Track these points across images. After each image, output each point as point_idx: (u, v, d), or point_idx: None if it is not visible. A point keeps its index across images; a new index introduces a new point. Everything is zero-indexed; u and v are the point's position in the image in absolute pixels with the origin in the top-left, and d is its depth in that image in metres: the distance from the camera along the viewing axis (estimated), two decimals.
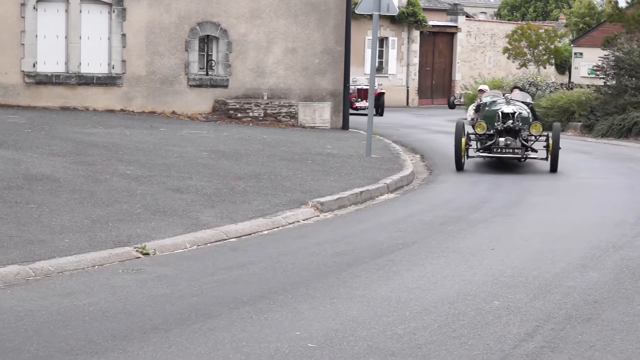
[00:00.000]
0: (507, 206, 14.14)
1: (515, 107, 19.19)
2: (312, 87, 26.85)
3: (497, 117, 18.76)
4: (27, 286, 8.25)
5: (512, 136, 18.59)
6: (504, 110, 18.86)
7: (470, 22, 55.90)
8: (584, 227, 12.42)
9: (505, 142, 18.43)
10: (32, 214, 10.83)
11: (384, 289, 8.51)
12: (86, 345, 6.53)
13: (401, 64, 50.83)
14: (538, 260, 10.02)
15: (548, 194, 15.70)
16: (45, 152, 15.10)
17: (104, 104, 24.10)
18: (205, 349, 6.53)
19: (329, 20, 26.89)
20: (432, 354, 6.56)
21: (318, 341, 6.78)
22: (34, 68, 23.30)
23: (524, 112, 19.17)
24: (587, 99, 32.34)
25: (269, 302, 7.90)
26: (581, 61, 48.55)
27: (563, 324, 7.40)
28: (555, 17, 65.78)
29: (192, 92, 25.41)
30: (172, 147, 17.50)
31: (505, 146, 18.42)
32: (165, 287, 8.34)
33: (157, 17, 24.80)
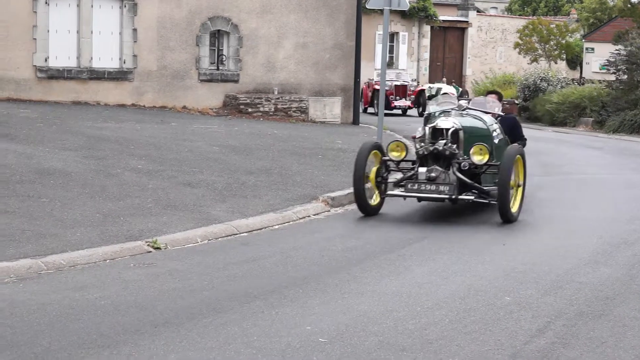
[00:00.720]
0: None
1: (462, 120, 12.82)
2: (323, 82, 26.83)
3: (427, 136, 12.65)
4: (40, 280, 8.28)
5: (442, 165, 12.15)
6: (439, 124, 12.51)
7: (481, 17, 55.80)
8: (595, 222, 12.39)
9: (428, 174, 11.97)
10: (44, 208, 10.86)
11: (395, 284, 8.51)
12: (98, 338, 6.55)
13: (412, 59, 50.79)
14: (549, 256, 10.00)
15: (558, 190, 15.67)
16: (57, 147, 15.13)
17: (115, 99, 24.12)
18: (216, 343, 6.54)
19: (339, 15, 26.87)
20: (443, 349, 6.56)
21: (329, 336, 6.78)
22: (45, 63, 23.34)
23: (475, 128, 12.90)
24: (599, 94, 32.27)
25: (279, 296, 7.91)
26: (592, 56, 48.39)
27: (575, 320, 7.39)
28: (566, 12, 65.59)
29: (202, 87, 25.42)
30: (183, 141, 17.52)
31: (428, 180, 11.95)
32: (176, 281, 8.36)
33: (168, 12, 24.81)
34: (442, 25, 51.43)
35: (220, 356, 6.27)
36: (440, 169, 12.03)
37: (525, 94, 36.53)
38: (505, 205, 11.66)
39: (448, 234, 11.28)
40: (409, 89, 37.85)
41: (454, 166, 12.07)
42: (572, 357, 6.47)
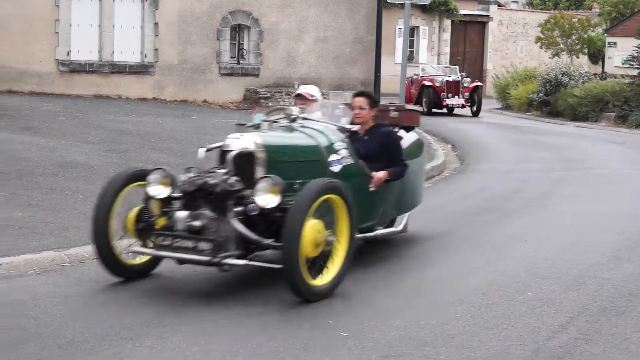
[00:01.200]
0: (540, 197, 14.08)
1: (274, 137, 8.41)
2: (343, 76, 26.83)
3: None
4: (62, 272, 8.32)
5: (217, 207, 7.69)
6: (227, 144, 8.06)
7: (502, 11, 55.57)
8: (618, 218, 12.34)
9: (189, 221, 7.64)
10: (67, 200, 10.91)
11: (415, 279, 8.51)
12: (121, 330, 6.58)
13: (432, 53, 50.65)
14: (571, 251, 9.97)
15: (580, 185, 15.61)
16: (79, 140, 15.19)
17: (137, 92, 24.20)
18: (239, 335, 6.55)
19: (360, 9, 26.85)
20: (465, 344, 6.55)
21: (350, 330, 6.79)
22: (67, 56, 23.43)
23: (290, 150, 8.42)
24: (621, 89, 32.08)
25: None
26: (615, 51, 48.20)
27: (597, 316, 7.37)
28: (588, 6, 65.31)
29: (223, 81, 25.46)
30: (204, 135, 17.54)
31: (189, 231, 7.65)
32: (200, 273, 8.37)
33: (189, 5, 24.86)
34: (462, 19, 51.26)
35: (242, 348, 6.29)
36: (210, 214, 7.64)
37: (546, 89, 36.35)
38: (292, 274, 7.33)
39: (469, 228, 11.26)
40: (462, 85, 33.58)
41: (229, 210, 7.60)
42: (595, 353, 6.46)
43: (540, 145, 22.30)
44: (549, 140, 23.73)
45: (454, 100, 32.44)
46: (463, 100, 32.94)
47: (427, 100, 32.20)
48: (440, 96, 32.41)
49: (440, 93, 32.35)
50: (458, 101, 32.69)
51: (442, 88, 32.40)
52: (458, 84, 33.00)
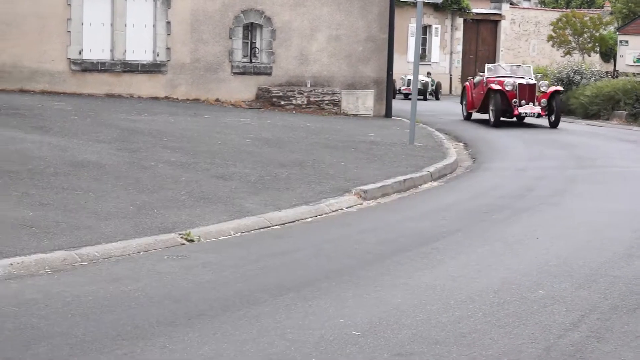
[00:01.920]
0: (552, 195, 14.05)
1: None
2: (356, 75, 26.81)
3: None
4: (74, 272, 8.33)
5: None
6: None
7: (514, 10, 55.47)
8: (630, 216, 12.31)
9: None
10: (79, 200, 10.93)
11: (428, 277, 8.50)
12: (132, 330, 6.59)
13: (444, 51, 50.59)
14: (583, 249, 9.95)
15: (593, 183, 15.57)
16: (91, 139, 15.22)
17: (149, 91, 24.22)
18: (250, 335, 6.56)
19: (372, 7, 26.83)
20: (477, 342, 6.54)
21: (362, 328, 6.79)
22: (79, 55, 23.47)
23: None
24: (633, 87, 31.99)
25: (312, 289, 7.92)
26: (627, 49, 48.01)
27: (609, 314, 7.35)
28: (600, 4, 65.11)
29: (235, 80, 25.47)
30: (216, 134, 17.57)
31: None
32: (210, 274, 8.39)
33: (202, 4, 24.88)
34: (475, 17, 51.19)
35: (254, 348, 6.29)
36: None
37: None
38: None
39: (481, 227, 11.25)
40: (539, 90, 27.43)
41: None
42: (606, 351, 6.44)
43: (552, 144, 22.25)
44: (561, 139, 23.67)
45: (528, 108, 26.50)
46: (539, 108, 26.80)
47: (495, 107, 26.67)
48: (511, 103, 26.57)
49: (510, 99, 26.50)
50: (533, 109, 26.60)
51: (513, 93, 26.53)
52: (533, 89, 26.94)
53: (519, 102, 26.50)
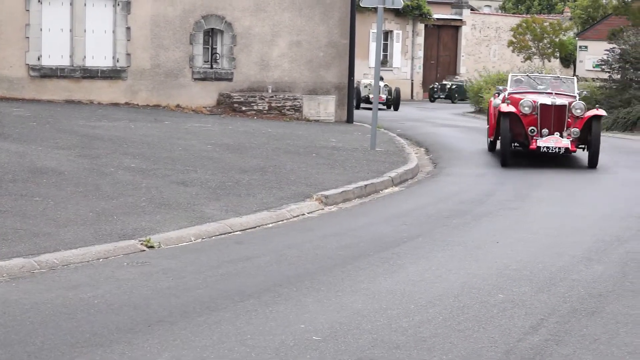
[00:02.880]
0: (512, 199, 14.13)
1: None
2: (317, 81, 26.83)
3: None
4: (33, 279, 8.26)
5: None
6: None
7: (475, 15, 55.84)
8: (590, 220, 12.41)
9: None
10: (37, 207, 10.84)
11: (389, 282, 8.51)
12: (91, 337, 6.54)
13: (406, 57, 50.81)
14: (543, 253, 10.01)
15: (554, 188, 15.68)
16: (50, 145, 15.11)
17: (109, 97, 24.10)
18: (210, 341, 6.54)
19: (333, 13, 26.87)
20: (437, 347, 6.56)
21: (323, 334, 6.78)
22: (38, 61, 23.31)
23: None
24: (592, 92, 32.29)
25: (273, 295, 7.90)
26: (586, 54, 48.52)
27: (568, 317, 7.40)
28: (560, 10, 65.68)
29: (196, 86, 25.41)
30: (177, 140, 17.51)
31: None
32: (170, 280, 8.35)
33: (162, 10, 24.79)
34: (436, 23, 51.47)
35: (214, 354, 6.27)
36: None
37: None
38: None
39: (442, 232, 11.28)
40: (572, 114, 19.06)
41: None
42: (565, 354, 6.48)
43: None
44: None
45: (551, 140, 18.40)
46: (568, 141, 18.49)
47: (502, 139, 18.68)
48: (527, 132, 18.74)
49: (527, 127, 18.68)
50: (559, 143, 18.36)
51: (532, 117, 18.79)
52: (563, 112, 18.83)
53: (539, 131, 18.61)
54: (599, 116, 18.80)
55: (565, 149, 18.35)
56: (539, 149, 18.37)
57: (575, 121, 18.86)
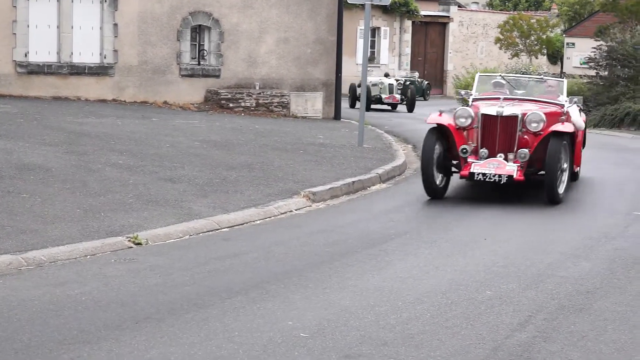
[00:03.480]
0: (500, 196, 14.12)
1: None
2: (305, 77, 26.82)
3: None
4: (20, 276, 8.23)
5: None
6: None
7: (462, 12, 55.89)
8: (577, 217, 12.44)
9: None
10: (24, 203, 10.81)
11: (377, 279, 8.51)
12: (79, 334, 6.52)
13: (393, 54, 50.82)
14: (530, 250, 10.03)
15: (539, 185, 15.67)
16: (37, 142, 15.06)
17: (96, 94, 24.03)
18: (198, 338, 6.53)
19: (321, 9, 26.85)
20: (425, 343, 6.56)
21: (310, 331, 6.78)
22: (25, 58, 23.23)
23: None
24: (580, 89, 32.39)
25: (261, 291, 7.90)
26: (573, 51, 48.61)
27: (555, 314, 7.42)
28: (547, 7, 65.80)
29: (184, 82, 25.36)
30: (164, 137, 17.47)
31: None
32: (157, 277, 8.33)
33: (149, 6, 24.73)
34: (423, 20, 51.49)
35: (201, 351, 6.26)
36: None
37: None
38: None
39: (430, 228, 11.29)
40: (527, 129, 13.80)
41: None
42: (553, 350, 6.49)
43: None
44: None
45: (490, 165, 13.40)
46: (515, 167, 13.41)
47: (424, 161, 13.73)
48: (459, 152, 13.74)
49: (459, 145, 13.74)
50: (501, 169, 13.37)
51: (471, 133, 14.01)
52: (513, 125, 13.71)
53: (476, 151, 13.70)
54: (559, 133, 13.47)
55: (507, 178, 13.11)
56: (472, 176, 13.24)
57: (534, 139, 13.64)
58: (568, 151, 13.72)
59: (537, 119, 13.61)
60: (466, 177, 13.48)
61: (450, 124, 13.75)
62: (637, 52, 30.92)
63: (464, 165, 13.56)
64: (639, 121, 29.00)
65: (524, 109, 13.94)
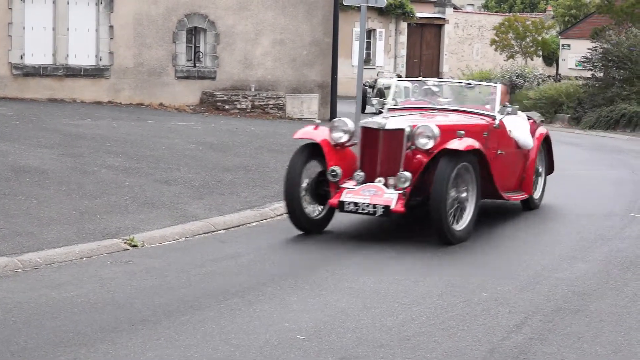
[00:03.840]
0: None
1: None
2: (300, 79, 26.81)
3: None
4: (16, 278, 8.23)
5: None
6: None
7: (457, 14, 55.93)
8: (573, 218, 12.44)
9: None
10: (20, 205, 10.80)
11: (373, 281, 8.51)
12: (75, 336, 6.52)
13: (389, 55, 50.84)
14: (526, 251, 10.03)
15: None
16: (33, 144, 15.04)
17: (92, 96, 24.01)
18: (194, 340, 6.53)
19: (317, 11, 26.85)
20: (421, 345, 6.56)
21: (307, 333, 6.78)
22: (21, 60, 23.19)
23: None
24: (575, 90, 32.44)
25: (257, 293, 7.90)
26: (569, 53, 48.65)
27: (552, 316, 7.42)
28: (542, 8, 65.86)
29: (179, 84, 25.34)
30: (160, 139, 17.46)
31: None
32: (153, 279, 8.33)
33: (145, 8, 24.72)
34: (419, 22, 51.51)
35: (198, 353, 6.26)
36: None
37: None
38: None
39: (426, 230, 11.27)
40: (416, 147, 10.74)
41: None
42: (549, 352, 6.50)
43: None
44: None
45: (367, 192, 10.46)
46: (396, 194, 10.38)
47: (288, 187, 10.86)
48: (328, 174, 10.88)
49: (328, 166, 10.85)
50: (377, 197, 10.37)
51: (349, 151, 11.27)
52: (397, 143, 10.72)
53: (348, 175, 10.91)
54: (450, 151, 10.28)
55: (384, 209, 10.24)
56: (342, 205, 10.43)
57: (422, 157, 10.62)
58: (475, 176, 10.65)
59: (427, 133, 10.46)
60: (336, 207, 10.55)
61: (325, 139, 10.96)
62: (632, 53, 30.96)
63: (334, 192, 10.62)
64: (634, 123, 29.04)
65: (401, 123, 10.79)
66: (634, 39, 31.54)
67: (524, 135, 12.68)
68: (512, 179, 12.47)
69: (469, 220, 10.65)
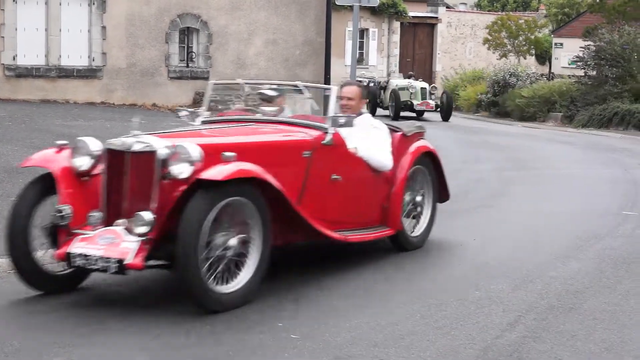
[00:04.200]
0: (488, 197, 14.15)
1: None
2: (293, 79, 26.70)
3: None
4: (10, 279, 8.18)
5: None
6: None
7: (450, 13, 55.96)
8: (566, 217, 12.44)
9: None
10: None
11: (366, 280, 8.50)
12: (71, 337, 6.50)
13: (382, 55, 50.87)
14: (520, 250, 10.04)
15: (530, 185, 15.73)
16: (26, 145, 15.02)
17: (85, 97, 24.00)
18: (188, 342, 6.51)
19: (309, 11, 26.87)
20: (415, 344, 6.56)
21: (301, 332, 6.77)
22: (13, 61, 23.18)
23: None
24: (568, 89, 32.49)
25: None
26: (561, 51, 48.74)
27: (545, 314, 7.42)
28: (535, 7, 65.95)
29: (172, 84, 25.35)
30: None
31: None
32: (149, 277, 8.31)
33: (137, 9, 24.71)
34: (411, 21, 51.54)
35: (189, 357, 6.25)
36: None
37: (494, 90, 36.70)
38: None
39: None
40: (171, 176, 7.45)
41: None
42: (542, 350, 6.50)
43: (489, 146, 22.44)
44: (498, 141, 23.89)
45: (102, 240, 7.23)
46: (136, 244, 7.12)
47: None
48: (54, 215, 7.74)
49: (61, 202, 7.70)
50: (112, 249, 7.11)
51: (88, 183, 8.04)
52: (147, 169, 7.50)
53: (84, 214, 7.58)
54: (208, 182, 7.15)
55: (117, 265, 7.06)
56: (69, 258, 7.26)
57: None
58: (263, 215, 7.49)
59: (183, 156, 7.40)
60: (65, 261, 7.35)
61: (65, 166, 8.03)
62: (625, 51, 31.02)
63: (64, 239, 7.46)
64: (627, 121, 29.08)
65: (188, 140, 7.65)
66: (627, 36, 31.60)
67: (375, 155, 9.40)
68: (362, 211, 9.36)
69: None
